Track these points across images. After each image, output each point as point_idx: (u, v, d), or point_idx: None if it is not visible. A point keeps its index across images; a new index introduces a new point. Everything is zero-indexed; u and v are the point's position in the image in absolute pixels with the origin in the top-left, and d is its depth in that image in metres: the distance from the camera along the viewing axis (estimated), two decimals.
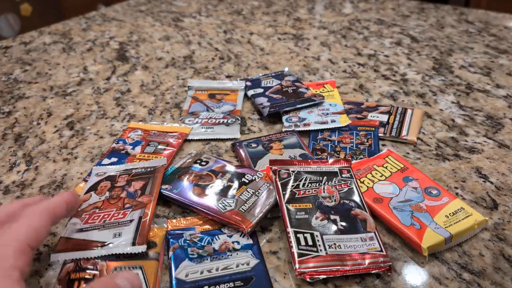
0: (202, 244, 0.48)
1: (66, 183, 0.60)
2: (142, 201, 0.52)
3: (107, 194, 0.54)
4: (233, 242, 0.48)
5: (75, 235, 0.47)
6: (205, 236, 0.49)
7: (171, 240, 0.49)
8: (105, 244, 0.46)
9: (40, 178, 0.61)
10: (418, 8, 1.29)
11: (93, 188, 0.55)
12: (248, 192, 0.53)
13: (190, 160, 0.60)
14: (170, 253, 0.47)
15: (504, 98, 0.79)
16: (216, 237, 0.49)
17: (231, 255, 0.47)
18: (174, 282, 0.44)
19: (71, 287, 0.43)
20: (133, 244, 0.46)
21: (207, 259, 0.46)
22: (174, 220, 0.52)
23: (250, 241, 0.49)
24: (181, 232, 0.50)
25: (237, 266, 0.45)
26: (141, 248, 0.46)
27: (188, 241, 0.49)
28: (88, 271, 0.44)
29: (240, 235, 0.49)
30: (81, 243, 0.46)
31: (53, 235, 0.51)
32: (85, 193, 0.54)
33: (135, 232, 0.47)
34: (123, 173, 0.57)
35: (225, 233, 0.50)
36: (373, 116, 0.72)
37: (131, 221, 0.49)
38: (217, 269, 0.45)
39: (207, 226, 0.51)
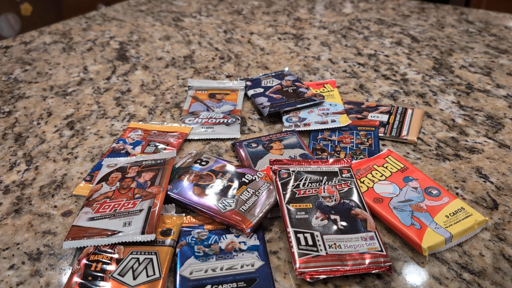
0: (209, 242, 0.48)
1: (66, 183, 0.60)
2: (151, 191, 0.53)
3: (118, 184, 0.55)
4: (239, 243, 0.48)
5: (87, 223, 0.49)
6: (212, 235, 0.50)
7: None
8: (116, 232, 0.47)
9: (40, 178, 0.61)
10: (418, 8, 1.29)
11: (104, 178, 0.56)
12: (248, 192, 0.53)
13: (190, 160, 0.60)
14: (177, 250, 0.48)
15: (504, 98, 0.79)
16: (224, 236, 0.49)
17: (237, 255, 0.47)
18: (178, 278, 0.44)
19: (90, 268, 0.45)
20: (142, 233, 0.47)
21: (213, 258, 0.47)
22: (184, 218, 0.52)
23: (257, 243, 0.49)
24: (190, 229, 0.50)
25: (242, 267, 0.45)
26: (150, 237, 0.47)
27: (195, 239, 0.49)
28: (106, 254, 0.46)
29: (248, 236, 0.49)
30: (92, 231, 0.48)
31: (53, 235, 0.51)
32: (97, 183, 0.56)
33: (144, 222, 0.48)
34: (133, 165, 0.58)
35: (232, 233, 0.50)
36: (373, 116, 0.72)
37: (140, 210, 0.50)
38: (221, 269, 0.45)
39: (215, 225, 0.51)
